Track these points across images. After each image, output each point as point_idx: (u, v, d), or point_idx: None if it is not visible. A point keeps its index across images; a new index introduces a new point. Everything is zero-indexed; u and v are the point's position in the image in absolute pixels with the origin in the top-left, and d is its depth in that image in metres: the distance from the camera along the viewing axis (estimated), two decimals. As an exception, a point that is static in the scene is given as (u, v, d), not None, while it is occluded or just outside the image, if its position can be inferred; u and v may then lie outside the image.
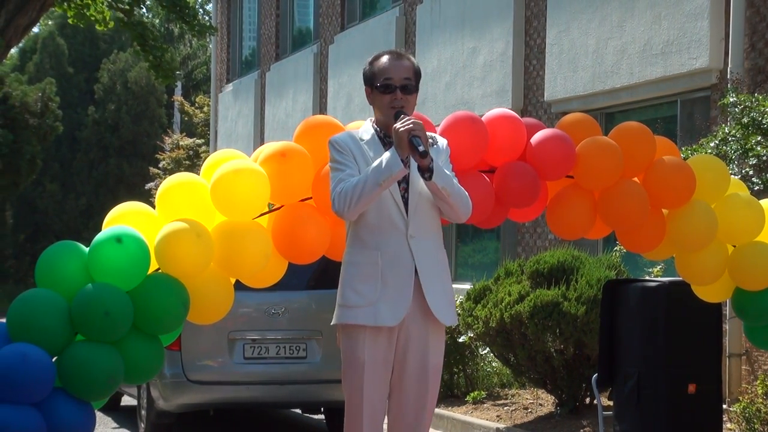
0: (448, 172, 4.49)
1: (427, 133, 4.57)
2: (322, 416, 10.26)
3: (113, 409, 10.83)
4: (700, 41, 9.88)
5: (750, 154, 7.75)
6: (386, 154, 4.36)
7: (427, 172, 4.36)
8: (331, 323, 4.70)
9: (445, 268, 4.66)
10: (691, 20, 9.97)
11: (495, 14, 13.05)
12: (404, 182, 4.53)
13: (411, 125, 4.32)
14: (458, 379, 10.53)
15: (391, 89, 4.53)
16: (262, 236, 4.91)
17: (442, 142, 4.67)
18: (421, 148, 4.29)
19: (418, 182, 4.51)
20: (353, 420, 4.56)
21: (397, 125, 4.35)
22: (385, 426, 4.65)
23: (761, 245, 5.65)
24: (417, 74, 4.62)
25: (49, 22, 34.38)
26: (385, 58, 4.60)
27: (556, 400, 9.21)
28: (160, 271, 4.77)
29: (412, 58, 4.67)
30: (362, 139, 4.58)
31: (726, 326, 8.82)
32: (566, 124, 5.56)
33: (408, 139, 4.31)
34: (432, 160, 4.36)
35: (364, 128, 4.65)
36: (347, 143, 4.55)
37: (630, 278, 8.20)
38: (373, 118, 4.67)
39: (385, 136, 4.56)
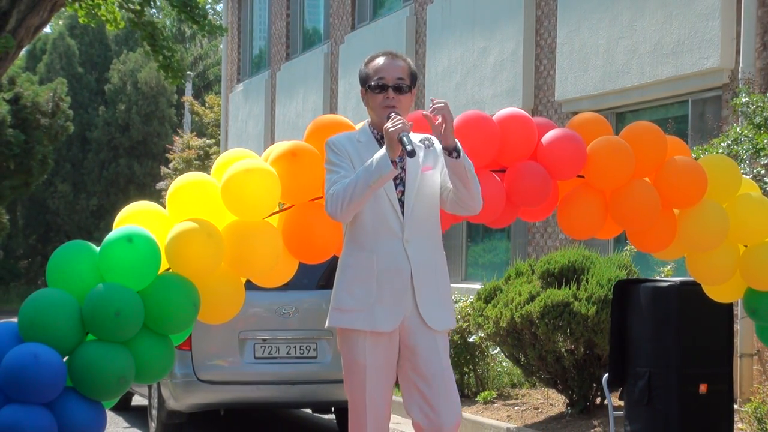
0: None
1: (424, 135, 4.56)
2: (332, 416, 10.27)
3: (124, 408, 10.85)
4: (711, 41, 9.85)
5: (762, 154, 7.73)
6: (376, 155, 4.32)
7: (454, 151, 4.33)
8: (325, 326, 4.66)
9: (443, 271, 4.58)
10: (702, 20, 9.95)
11: (505, 14, 13.04)
12: (401, 185, 4.50)
13: (400, 125, 4.27)
14: (469, 379, 10.52)
15: (384, 89, 4.51)
16: (272, 236, 4.91)
17: (439, 145, 4.61)
18: (408, 147, 4.23)
19: (414, 185, 4.49)
20: (357, 424, 4.54)
21: (388, 125, 4.30)
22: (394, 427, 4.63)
23: (773, 245, 5.64)
24: (412, 75, 4.59)
25: (60, 23, 34.46)
26: (379, 59, 4.60)
27: (567, 400, 9.20)
28: (170, 270, 4.77)
29: (408, 60, 4.64)
30: (359, 141, 4.55)
31: (737, 326, 8.80)
32: (577, 124, 5.55)
33: (398, 139, 4.27)
34: (456, 142, 4.34)
35: (361, 130, 4.63)
36: (344, 145, 4.52)
37: (641, 278, 8.18)
38: (369, 120, 4.64)
39: (381, 138, 4.52)
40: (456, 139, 4.36)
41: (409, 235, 4.47)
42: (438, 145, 4.58)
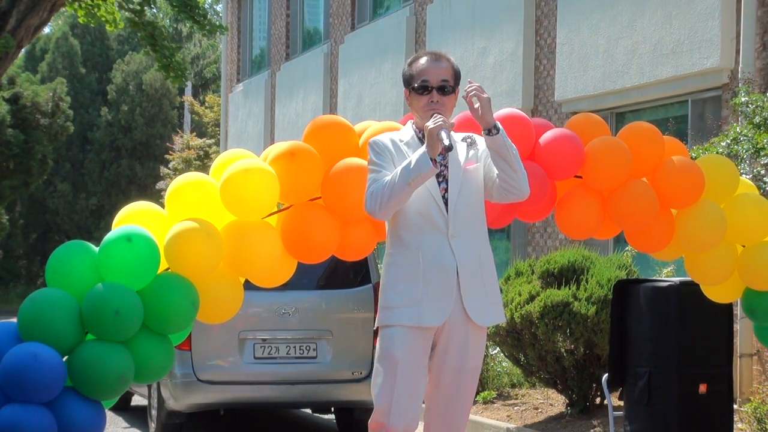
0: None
1: (467, 134, 4.58)
2: (332, 416, 10.27)
3: (124, 408, 10.86)
4: (711, 41, 9.86)
5: (761, 154, 7.73)
6: (416, 154, 4.34)
7: (493, 128, 4.38)
8: (374, 327, 4.64)
9: (489, 266, 4.61)
10: (702, 20, 9.95)
11: (505, 14, 13.04)
12: (444, 182, 4.51)
13: (441, 123, 4.31)
14: (468, 379, 10.51)
15: (428, 90, 4.52)
16: (271, 236, 4.91)
17: (482, 142, 4.60)
18: (446, 143, 4.26)
19: (457, 181, 4.50)
20: (378, 422, 4.47)
21: (429, 123, 4.34)
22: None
23: (771, 245, 5.63)
24: (456, 75, 4.60)
25: (59, 22, 34.44)
26: (423, 60, 4.59)
27: (567, 400, 9.20)
28: (169, 270, 4.77)
29: (452, 59, 4.65)
30: (401, 140, 4.56)
31: (737, 326, 8.80)
32: (575, 124, 5.56)
33: (437, 136, 4.29)
34: (495, 121, 4.41)
35: (405, 130, 4.64)
36: (386, 144, 4.53)
37: (640, 278, 8.18)
38: (413, 121, 4.65)
39: (423, 137, 4.49)
40: (496, 120, 4.42)
41: (454, 231, 4.48)
42: (480, 142, 4.59)
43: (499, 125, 4.41)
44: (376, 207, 4.38)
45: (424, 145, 4.34)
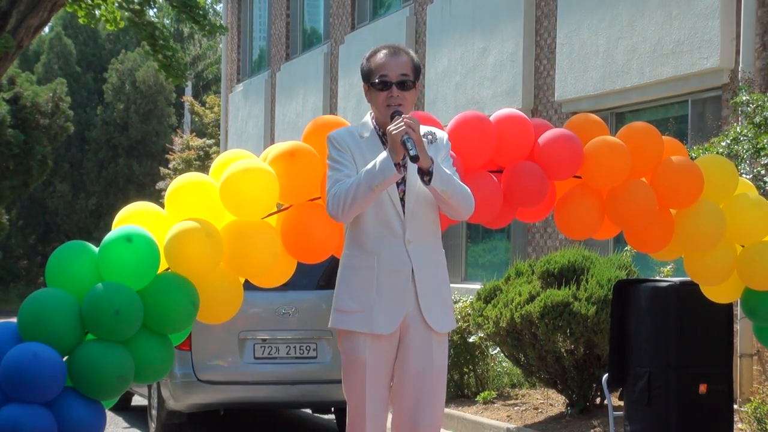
0: (448, 170, 4.35)
1: (427, 127, 4.44)
2: (332, 416, 10.27)
3: (124, 408, 10.86)
4: (711, 41, 9.86)
5: (762, 154, 7.73)
6: (379, 157, 4.24)
7: (426, 175, 4.23)
8: (328, 326, 4.65)
9: (443, 272, 4.53)
10: (702, 20, 9.95)
11: (505, 14, 13.04)
12: (402, 184, 4.42)
13: (403, 128, 4.17)
14: (468, 379, 10.53)
15: (387, 86, 4.39)
16: (270, 235, 4.91)
17: (442, 136, 4.53)
18: (411, 152, 4.14)
19: (416, 185, 4.40)
20: (356, 422, 4.48)
21: (390, 127, 4.21)
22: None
23: (770, 245, 5.63)
24: (415, 69, 4.46)
25: (51, 22, 34.41)
26: (381, 54, 4.45)
27: (567, 401, 9.20)
28: (169, 270, 4.77)
29: (411, 53, 4.52)
30: (362, 137, 4.47)
31: (737, 326, 8.80)
32: (574, 124, 5.56)
33: (401, 142, 4.18)
34: (432, 162, 4.24)
35: (363, 124, 4.53)
36: (346, 140, 4.43)
37: (640, 278, 8.18)
38: (372, 114, 4.54)
39: (383, 134, 4.41)
40: (431, 157, 4.25)
41: (410, 236, 4.41)
42: (440, 136, 4.51)
43: (433, 169, 4.23)
44: (339, 210, 4.31)
45: (387, 149, 4.23)
